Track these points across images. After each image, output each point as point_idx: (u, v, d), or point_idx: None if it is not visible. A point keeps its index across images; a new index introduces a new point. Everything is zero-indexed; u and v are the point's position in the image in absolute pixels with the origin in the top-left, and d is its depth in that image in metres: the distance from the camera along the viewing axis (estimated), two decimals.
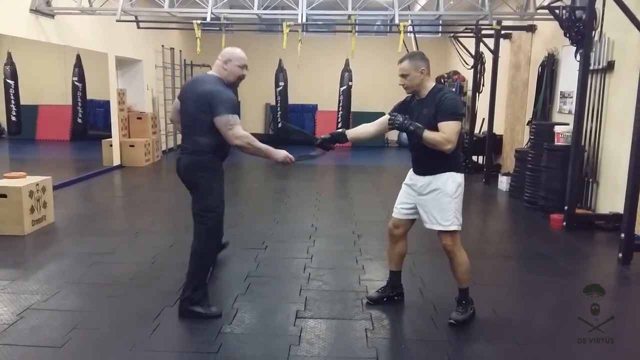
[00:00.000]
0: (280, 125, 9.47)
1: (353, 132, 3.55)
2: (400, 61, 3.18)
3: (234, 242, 4.70)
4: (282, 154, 3.34)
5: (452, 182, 3.13)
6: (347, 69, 9.11)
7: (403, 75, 3.15)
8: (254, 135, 3.48)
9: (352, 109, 10.18)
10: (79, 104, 9.01)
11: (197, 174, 3.26)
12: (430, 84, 3.19)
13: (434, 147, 3.03)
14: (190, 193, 3.35)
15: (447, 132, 3.00)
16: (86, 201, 6.97)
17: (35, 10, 6.80)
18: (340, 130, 3.48)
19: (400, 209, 3.37)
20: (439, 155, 3.07)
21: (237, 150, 3.24)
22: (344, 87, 9.27)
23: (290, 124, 3.89)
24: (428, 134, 3.01)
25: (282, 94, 9.41)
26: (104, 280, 3.94)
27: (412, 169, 3.33)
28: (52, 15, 7.16)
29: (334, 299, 3.61)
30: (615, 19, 5.28)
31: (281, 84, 9.33)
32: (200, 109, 3.17)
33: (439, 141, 3.01)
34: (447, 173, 3.13)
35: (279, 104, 9.56)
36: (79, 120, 9.13)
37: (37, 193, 5.14)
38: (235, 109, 3.24)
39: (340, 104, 9.26)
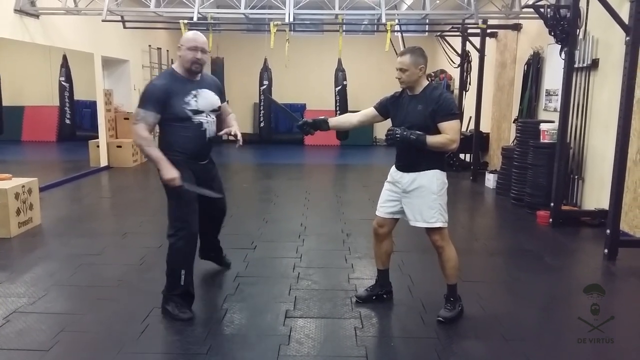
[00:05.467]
0: (263, 97, 9.41)
1: (335, 121, 3.57)
2: (401, 54, 3.17)
3: (223, 243, 4.67)
4: (169, 174, 3.09)
5: (436, 179, 3.15)
6: (340, 69, 9.11)
7: (402, 70, 3.14)
8: (243, 134, 3.47)
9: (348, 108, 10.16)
10: (67, 105, 8.93)
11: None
12: (425, 81, 3.21)
13: (439, 150, 3.07)
14: None
15: (450, 133, 3.04)
16: (73, 202, 6.91)
17: (19, 11, 6.72)
18: (322, 117, 3.46)
19: (384, 208, 3.38)
20: (426, 152, 3.09)
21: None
22: (339, 87, 9.26)
23: (274, 100, 3.82)
24: (432, 140, 3.03)
25: (265, 94, 9.39)
26: (92, 282, 3.91)
27: (394, 165, 3.34)
28: (36, 16, 7.08)
29: (323, 298, 3.62)
30: (599, 17, 5.34)
31: (265, 82, 9.31)
32: None
33: (445, 143, 3.04)
34: (431, 171, 3.15)
35: (262, 103, 9.57)
36: (67, 121, 9.05)
37: (23, 195, 5.09)
38: (153, 104, 3.09)
39: (337, 104, 9.25)
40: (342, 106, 9.33)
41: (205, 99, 3.25)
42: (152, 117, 3.12)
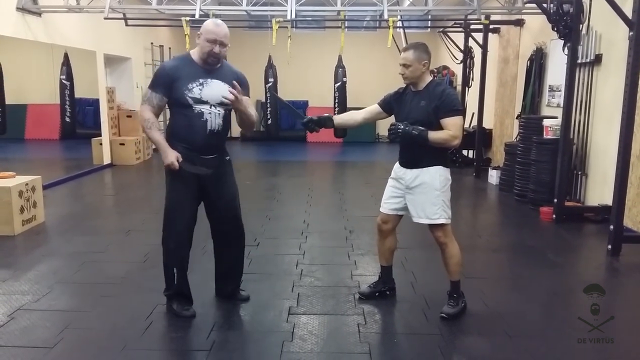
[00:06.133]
0: (269, 95, 9.44)
1: (340, 118, 3.56)
2: (405, 50, 3.16)
3: None
4: (169, 157, 2.99)
5: (439, 176, 3.15)
6: (340, 65, 9.11)
7: (405, 65, 3.13)
8: (244, 133, 3.43)
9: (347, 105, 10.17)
10: (67, 103, 8.95)
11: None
12: (429, 77, 3.20)
13: (441, 146, 3.07)
14: None
15: (452, 129, 3.04)
16: (76, 200, 6.93)
17: (21, 9, 6.73)
18: (327, 114, 3.47)
19: (388, 204, 3.38)
20: (429, 148, 3.09)
21: None
22: (339, 84, 9.26)
23: (280, 98, 3.80)
24: (434, 135, 3.03)
25: (271, 91, 9.40)
26: (96, 279, 3.92)
27: (398, 161, 3.33)
28: (39, 14, 7.09)
29: (327, 294, 3.62)
30: (602, 12, 5.32)
31: (270, 80, 9.31)
32: None
33: (447, 139, 3.04)
34: (434, 167, 3.15)
35: (268, 101, 9.57)
36: (67, 119, 9.07)
37: (27, 193, 5.10)
38: (160, 86, 3.00)
39: (336, 101, 9.26)
40: (341, 103, 9.33)
41: (213, 89, 3.04)
42: (157, 99, 3.02)
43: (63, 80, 8.83)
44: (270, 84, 9.27)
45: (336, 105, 9.26)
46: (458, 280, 3.30)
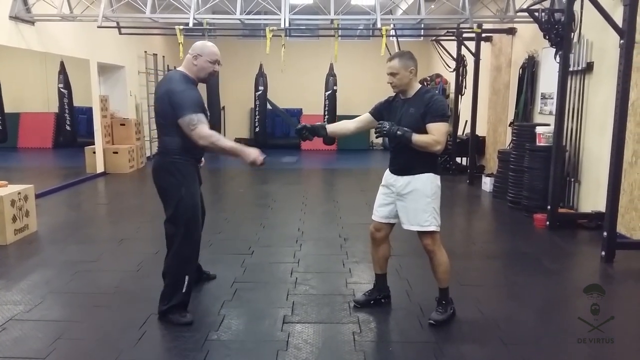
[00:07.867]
0: (259, 102, 9.51)
1: (333, 127, 3.58)
2: (390, 59, 3.20)
3: (220, 248, 4.69)
4: (252, 154, 3.13)
5: (430, 182, 3.17)
6: (331, 74, 9.16)
7: (392, 74, 3.17)
8: (239, 140, 3.47)
9: (337, 113, 10.23)
10: (66, 111, 8.93)
11: (164, 177, 3.22)
12: (417, 84, 3.23)
13: (423, 150, 3.07)
14: (160, 198, 3.31)
15: (436, 134, 3.05)
16: (69, 209, 6.89)
17: (14, 17, 6.72)
18: (320, 123, 3.50)
19: (380, 212, 3.39)
20: (420, 156, 3.11)
21: (206, 150, 3.22)
22: (329, 92, 9.31)
23: (274, 104, 3.84)
24: (417, 138, 3.04)
25: (261, 99, 9.43)
26: (89, 289, 3.89)
27: (388, 169, 3.35)
28: (32, 22, 7.08)
29: (321, 303, 3.61)
30: (593, 20, 5.37)
31: (260, 88, 9.34)
32: (164, 108, 3.13)
33: (430, 143, 3.05)
34: (425, 174, 3.17)
35: (257, 109, 9.59)
36: (67, 127, 9.04)
37: (19, 202, 5.07)
38: (200, 107, 3.14)
39: (326, 109, 9.30)
40: (331, 111, 9.39)
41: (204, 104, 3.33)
42: (205, 118, 3.14)
43: (61, 89, 8.83)
44: (260, 92, 9.29)
45: (326, 114, 9.30)
46: (447, 287, 3.31)
